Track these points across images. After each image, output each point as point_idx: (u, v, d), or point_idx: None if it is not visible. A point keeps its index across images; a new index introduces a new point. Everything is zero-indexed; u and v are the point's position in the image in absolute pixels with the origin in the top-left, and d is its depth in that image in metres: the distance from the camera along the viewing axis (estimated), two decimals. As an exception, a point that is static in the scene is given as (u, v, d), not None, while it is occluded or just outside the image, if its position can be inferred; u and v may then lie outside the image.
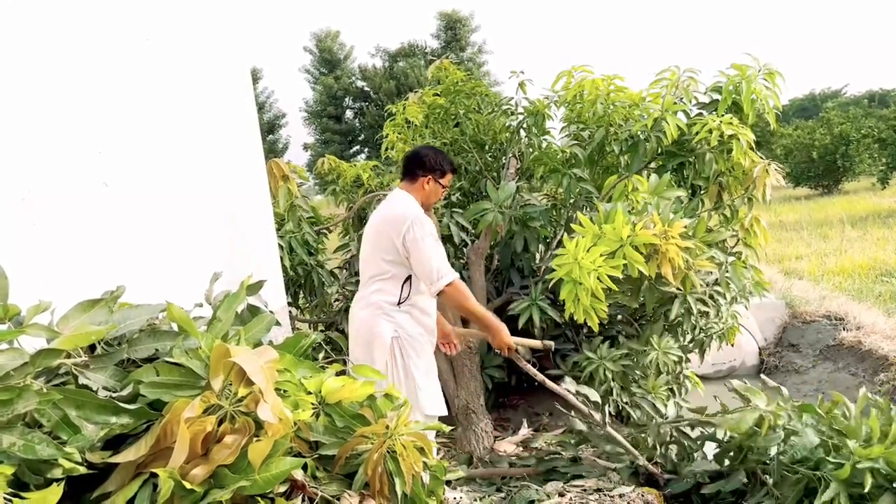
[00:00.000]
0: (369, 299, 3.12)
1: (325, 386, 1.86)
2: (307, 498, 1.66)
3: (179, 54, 2.94)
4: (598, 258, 3.15)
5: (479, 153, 5.37)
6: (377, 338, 3.06)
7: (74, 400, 1.50)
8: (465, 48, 35.85)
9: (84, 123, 2.34)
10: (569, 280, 3.23)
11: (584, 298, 3.17)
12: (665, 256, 3.19)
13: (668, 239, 3.20)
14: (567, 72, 4.68)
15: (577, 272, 3.17)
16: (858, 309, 7.30)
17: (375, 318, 3.07)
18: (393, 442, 1.76)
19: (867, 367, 6.06)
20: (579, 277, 3.16)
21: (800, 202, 20.38)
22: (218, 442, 1.53)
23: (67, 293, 1.77)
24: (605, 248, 3.18)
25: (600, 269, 3.13)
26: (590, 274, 3.13)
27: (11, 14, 2.09)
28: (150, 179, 2.65)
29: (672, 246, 3.19)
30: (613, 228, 3.21)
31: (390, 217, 3.11)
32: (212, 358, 1.58)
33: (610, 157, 4.74)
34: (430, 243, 3.02)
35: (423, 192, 3.27)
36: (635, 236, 3.18)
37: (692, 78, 4.31)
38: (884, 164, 21.14)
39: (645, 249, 3.22)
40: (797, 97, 51.96)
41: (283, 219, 4.71)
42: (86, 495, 1.53)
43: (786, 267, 10.23)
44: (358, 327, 3.16)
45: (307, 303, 5.28)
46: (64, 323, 1.67)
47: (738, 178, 4.15)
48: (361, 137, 36.60)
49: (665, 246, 3.19)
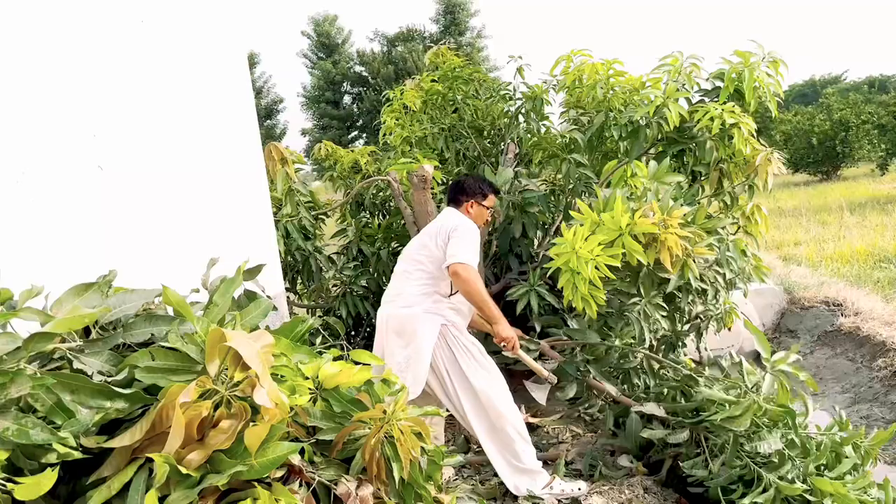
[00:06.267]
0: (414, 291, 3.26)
1: (323, 371, 1.85)
2: (304, 483, 1.66)
3: (175, 37, 2.90)
4: (597, 247, 3.12)
5: (477, 139, 5.34)
6: (425, 328, 3.18)
7: (69, 384, 1.49)
8: (465, 33, 35.65)
9: (78, 106, 2.32)
10: (566, 269, 3.21)
11: (581, 287, 3.16)
12: (664, 245, 3.17)
13: (667, 228, 3.18)
14: (566, 56, 4.64)
15: (575, 262, 3.15)
16: (857, 295, 7.30)
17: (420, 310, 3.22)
18: (390, 427, 1.76)
19: (865, 353, 6.07)
20: (577, 267, 3.14)
21: (799, 188, 20.36)
22: (214, 427, 1.52)
23: (61, 278, 1.75)
24: (603, 237, 3.16)
25: (598, 259, 3.11)
26: (587, 264, 3.11)
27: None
28: (146, 163, 2.63)
29: (671, 235, 3.17)
30: (612, 217, 3.18)
31: (448, 223, 3.33)
32: (207, 342, 1.57)
33: (609, 143, 4.71)
34: (469, 240, 3.23)
35: (469, 214, 3.54)
36: (634, 225, 3.16)
37: (695, 64, 4.27)
38: (883, 151, 21.13)
39: (644, 238, 3.20)
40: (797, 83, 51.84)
41: (280, 203, 4.69)
42: (81, 480, 1.52)
43: (784, 253, 10.23)
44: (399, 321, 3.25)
45: (305, 288, 5.27)
46: (57, 307, 1.66)
47: (738, 165, 4.13)
48: (360, 123, 36.48)
49: (664, 235, 3.17)
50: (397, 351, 3.22)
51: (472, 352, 3.26)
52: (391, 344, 3.25)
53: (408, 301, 3.26)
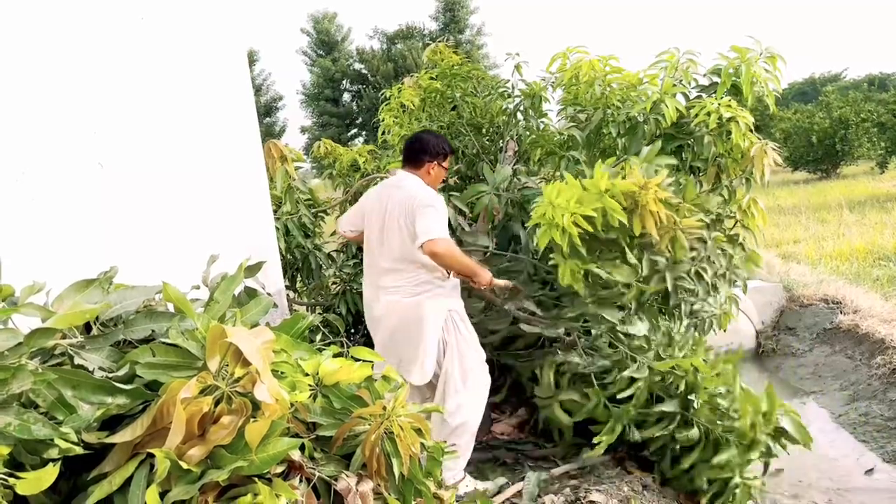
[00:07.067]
0: (414, 282, 3.21)
1: (323, 367, 1.86)
2: (305, 478, 1.66)
3: (175, 34, 2.91)
4: (573, 203, 3.10)
5: (476, 136, 5.34)
6: (430, 316, 3.17)
7: (70, 380, 1.50)
8: (464, 30, 35.64)
9: (79, 104, 2.32)
10: (545, 224, 3.18)
11: (558, 238, 3.11)
12: (646, 210, 3.15)
13: (647, 189, 3.13)
14: (562, 53, 4.64)
15: (552, 212, 3.11)
16: (856, 293, 7.31)
17: (424, 298, 3.20)
18: (390, 423, 1.77)
19: (864, 351, 6.09)
20: (554, 217, 3.10)
21: (798, 186, 20.36)
22: (215, 422, 1.53)
23: (62, 274, 1.76)
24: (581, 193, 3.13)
25: (575, 211, 3.07)
26: (563, 216, 3.08)
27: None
28: (146, 160, 2.64)
29: (651, 196, 3.11)
30: (592, 182, 3.15)
31: (411, 197, 3.17)
32: (208, 338, 1.58)
33: (607, 140, 4.71)
34: (435, 213, 3.12)
35: (429, 177, 3.39)
36: (612, 187, 3.13)
37: (691, 60, 4.28)
38: (882, 149, 21.09)
39: (625, 202, 3.15)
40: (797, 81, 51.78)
41: (280, 201, 4.69)
42: (82, 476, 1.53)
43: (784, 251, 10.24)
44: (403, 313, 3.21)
45: (304, 286, 5.28)
46: (58, 303, 1.66)
47: (736, 160, 4.13)
48: (359, 120, 36.46)
49: (644, 198, 3.11)
50: (402, 341, 3.21)
51: (471, 343, 3.29)
52: (396, 335, 3.24)
53: (410, 291, 3.22)
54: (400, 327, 3.24)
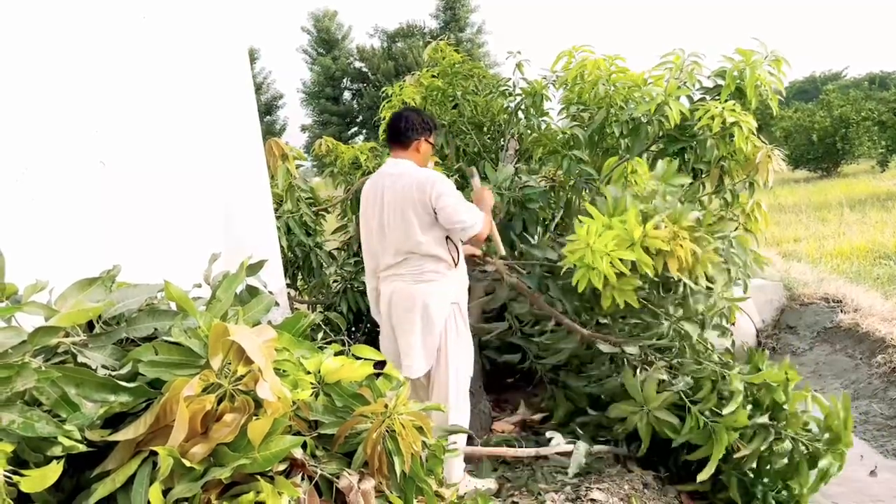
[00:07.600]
0: (419, 271, 3.16)
1: (325, 366, 1.87)
2: (307, 476, 1.67)
3: (176, 33, 2.91)
4: (611, 242, 3.11)
5: (477, 135, 5.34)
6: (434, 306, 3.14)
7: (73, 378, 1.50)
8: (465, 28, 35.57)
9: (80, 102, 2.32)
10: (582, 265, 3.20)
11: (596, 282, 3.14)
12: (674, 256, 3.16)
13: (677, 239, 3.16)
14: (567, 52, 4.64)
15: (590, 256, 3.14)
16: (856, 291, 7.31)
17: (432, 287, 3.16)
18: (392, 421, 1.77)
19: (864, 350, 6.09)
20: (592, 262, 3.13)
21: (799, 185, 20.34)
22: (217, 420, 1.54)
23: (65, 273, 1.76)
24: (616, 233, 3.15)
25: (612, 254, 3.10)
26: (602, 258, 3.11)
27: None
28: (148, 159, 2.64)
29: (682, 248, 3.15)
30: (623, 224, 3.16)
31: (413, 184, 3.10)
32: (210, 337, 1.58)
33: (610, 140, 4.71)
34: (456, 197, 3.11)
35: (418, 154, 3.30)
36: (647, 238, 3.14)
37: (696, 62, 4.28)
38: (883, 147, 21.08)
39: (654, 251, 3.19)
40: (797, 79, 51.69)
41: (281, 199, 4.70)
42: (85, 473, 1.53)
43: (784, 249, 10.23)
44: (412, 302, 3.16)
45: (305, 284, 5.28)
46: (61, 301, 1.67)
47: (739, 163, 4.14)
48: (360, 119, 36.42)
49: (675, 246, 3.14)
50: (407, 328, 3.19)
51: (466, 339, 3.29)
52: (402, 321, 3.20)
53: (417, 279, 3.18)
54: (404, 315, 3.20)
